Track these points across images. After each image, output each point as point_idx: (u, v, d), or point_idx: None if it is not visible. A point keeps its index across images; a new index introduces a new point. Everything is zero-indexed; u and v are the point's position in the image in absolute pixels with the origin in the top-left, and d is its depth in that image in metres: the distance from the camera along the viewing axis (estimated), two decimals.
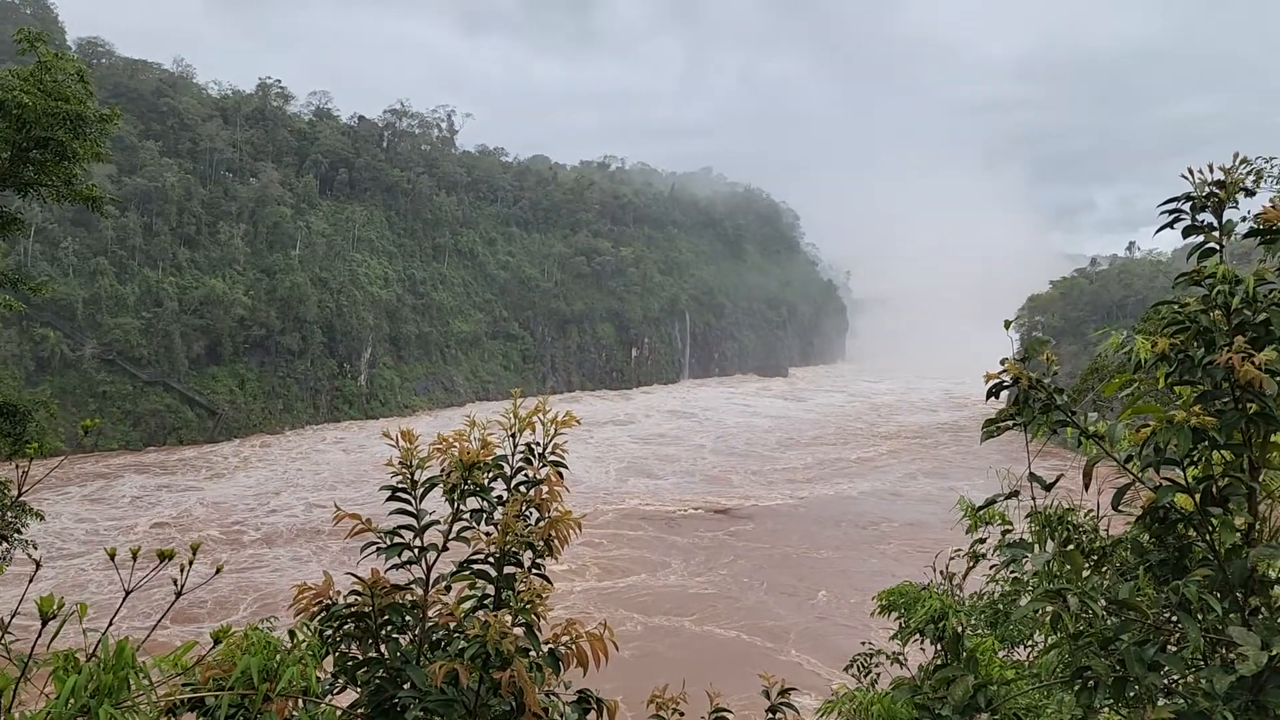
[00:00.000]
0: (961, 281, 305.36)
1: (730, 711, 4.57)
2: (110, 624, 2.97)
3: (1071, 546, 4.65)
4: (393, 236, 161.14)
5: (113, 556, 2.97)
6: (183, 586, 3.23)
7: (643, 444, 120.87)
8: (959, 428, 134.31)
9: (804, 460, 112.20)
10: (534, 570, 4.20)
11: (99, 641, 2.88)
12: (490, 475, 4.27)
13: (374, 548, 3.97)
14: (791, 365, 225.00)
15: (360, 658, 3.99)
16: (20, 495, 3.40)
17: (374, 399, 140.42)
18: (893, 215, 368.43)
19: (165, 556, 2.94)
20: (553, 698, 4.02)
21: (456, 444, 4.15)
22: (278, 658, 3.50)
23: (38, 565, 3.85)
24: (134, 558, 2.99)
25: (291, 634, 3.56)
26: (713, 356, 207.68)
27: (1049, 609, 4.03)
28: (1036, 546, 4.89)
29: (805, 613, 59.47)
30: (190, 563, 3.30)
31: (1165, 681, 3.86)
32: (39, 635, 2.66)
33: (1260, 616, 3.73)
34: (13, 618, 3.25)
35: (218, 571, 4.29)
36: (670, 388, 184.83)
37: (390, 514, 4.06)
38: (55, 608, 2.54)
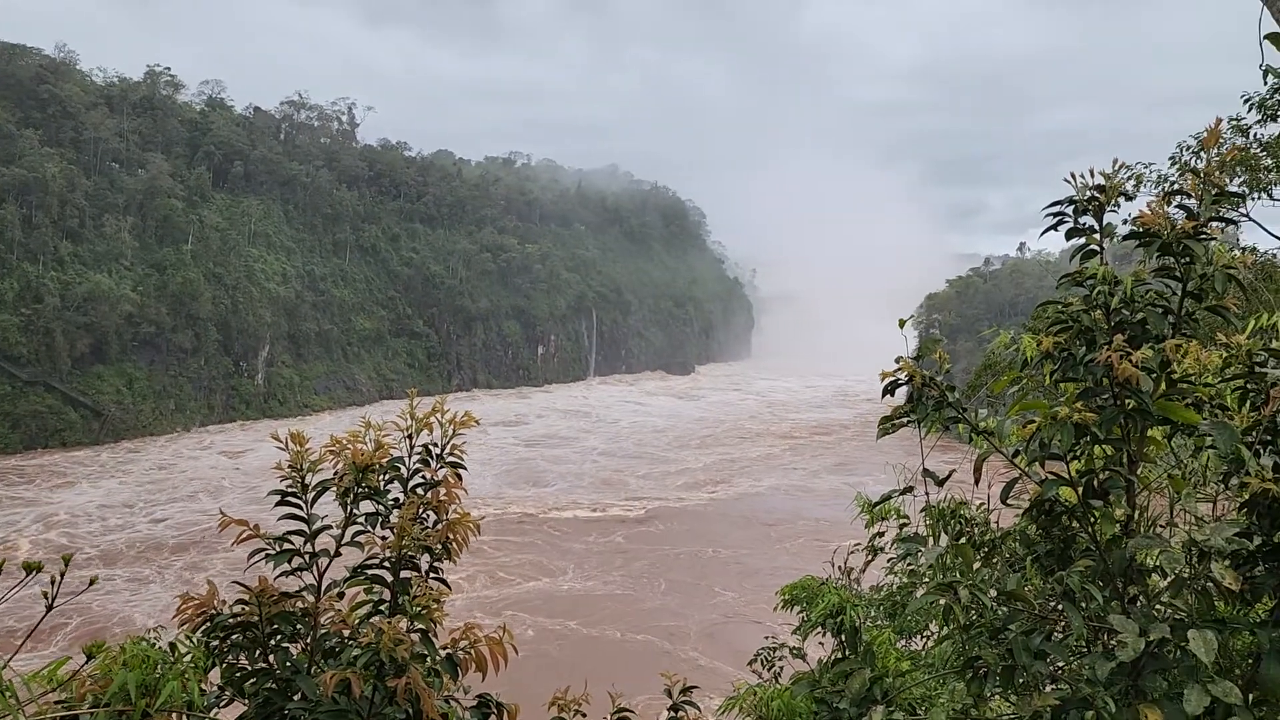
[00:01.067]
0: (863, 280, 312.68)
1: (632, 711, 4.56)
2: None
3: (963, 540, 4.78)
4: (291, 231, 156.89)
5: None
6: (53, 600, 3.07)
7: (531, 446, 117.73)
8: (861, 424, 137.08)
9: (702, 460, 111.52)
10: (431, 574, 4.11)
11: None
12: (386, 478, 4.17)
13: (262, 554, 3.83)
14: (698, 362, 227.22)
15: (249, 668, 3.85)
16: None
17: (272, 398, 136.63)
18: (797, 214, 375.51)
19: (30, 569, 2.77)
20: (451, 703, 3.94)
21: (350, 446, 4.03)
22: (158, 671, 3.34)
23: None
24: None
25: (173, 646, 3.41)
26: (620, 354, 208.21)
27: (942, 601, 4.13)
28: (930, 540, 5.01)
29: (707, 612, 59.90)
30: (62, 575, 3.14)
31: (1051, 669, 3.99)
32: None
33: (1139, 604, 3.89)
34: None
35: (91, 583, 4.09)
36: (575, 385, 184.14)
37: (279, 519, 3.92)
38: None
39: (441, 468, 4.29)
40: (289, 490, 3.93)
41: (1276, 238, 15.15)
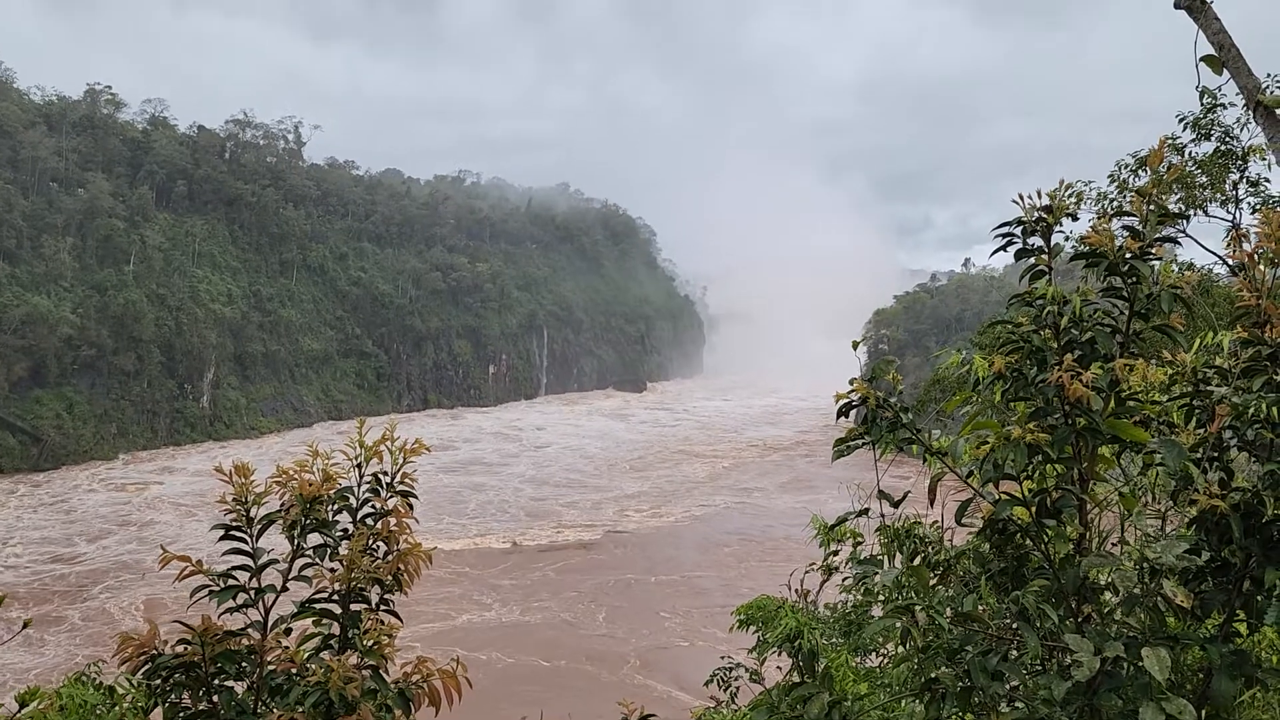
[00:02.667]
0: (812, 296, 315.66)
1: None
2: None
3: (919, 560, 4.79)
4: (236, 251, 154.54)
5: None
6: None
7: (454, 473, 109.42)
8: (813, 442, 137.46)
9: (640, 486, 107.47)
10: (382, 606, 4.01)
11: None
12: (334, 508, 4.07)
13: (205, 590, 3.70)
14: (651, 380, 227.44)
15: (191, 709, 3.72)
16: None
17: (218, 420, 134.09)
18: (746, 231, 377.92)
19: None
20: None
21: (297, 477, 3.93)
22: (96, 714, 3.21)
23: None
24: None
25: (110, 690, 3.28)
26: (572, 372, 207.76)
27: (899, 623, 4.12)
28: (886, 562, 5.01)
29: (656, 637, 59.39)
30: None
31: (1008, 689, 4.00)
32: None
33: (1092, 623, 3.91)
34: None
35: (25, 626, 3.93)
36: (515, 406, 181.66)
37: (224, 554, 3.80)
38: None
39: (391, 497, 4.20)
40: (234, 524, 3.82)
41: (1213, 253, 15.57)
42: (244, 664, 3.70)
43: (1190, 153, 17.00)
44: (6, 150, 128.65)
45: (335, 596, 3.95)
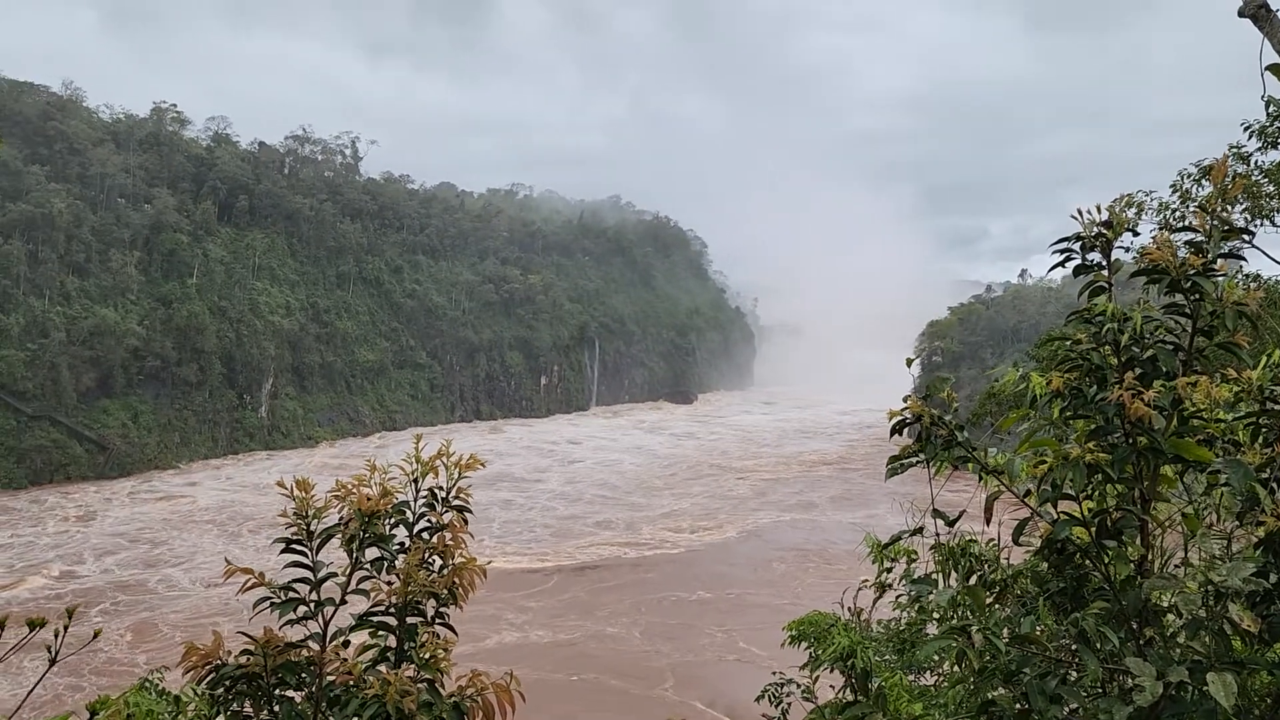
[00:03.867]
0: (864, 308, 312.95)
1: None
2: None
3: (974, 579, 4.73)
4: (295, 265, 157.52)
5: None
6: (57, 654, 3.03)
7: (481, 489, 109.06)
8: (862, 456, 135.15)
9: (677, 504, 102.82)
10: (438, 620, 4.07)
11: None
12: (391, 522, 4.14)
13: (267, 602, 3.79)
14: (701, 391, 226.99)
15: (254, 718, 3.81)
16: None
17: (276, 430, 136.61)
18: (796, 242, 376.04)
19: (34, 625, 2.75)
20: None
21: (355, 491, 4.00)
22: None
23: None
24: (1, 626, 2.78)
25: (176, 699, 3.37)
26: (623, 384, 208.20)
27: (954, 644, 4.07)
28: (940, 580, 4.95)
29: (694, 654, 58.12)
30: (66, 628, 3.10)
31: (1066, 713, 3.93)
32: None
33: (1155, 646, 3.83)
34: None
35: (95, 635, 4.06)
36: (569, 417, 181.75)
37: (286, 567, 3.88)
38: None
39: (447, 511, 4.26)
40: (294, 538, 3.90)
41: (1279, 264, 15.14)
42: (304, 675, 3.78)
43: (1256, 161, 16.59)
44: (76, 167, 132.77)
45: (392, 610, 4.01)
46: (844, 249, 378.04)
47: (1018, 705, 3.92)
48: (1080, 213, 4.35)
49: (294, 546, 3.92)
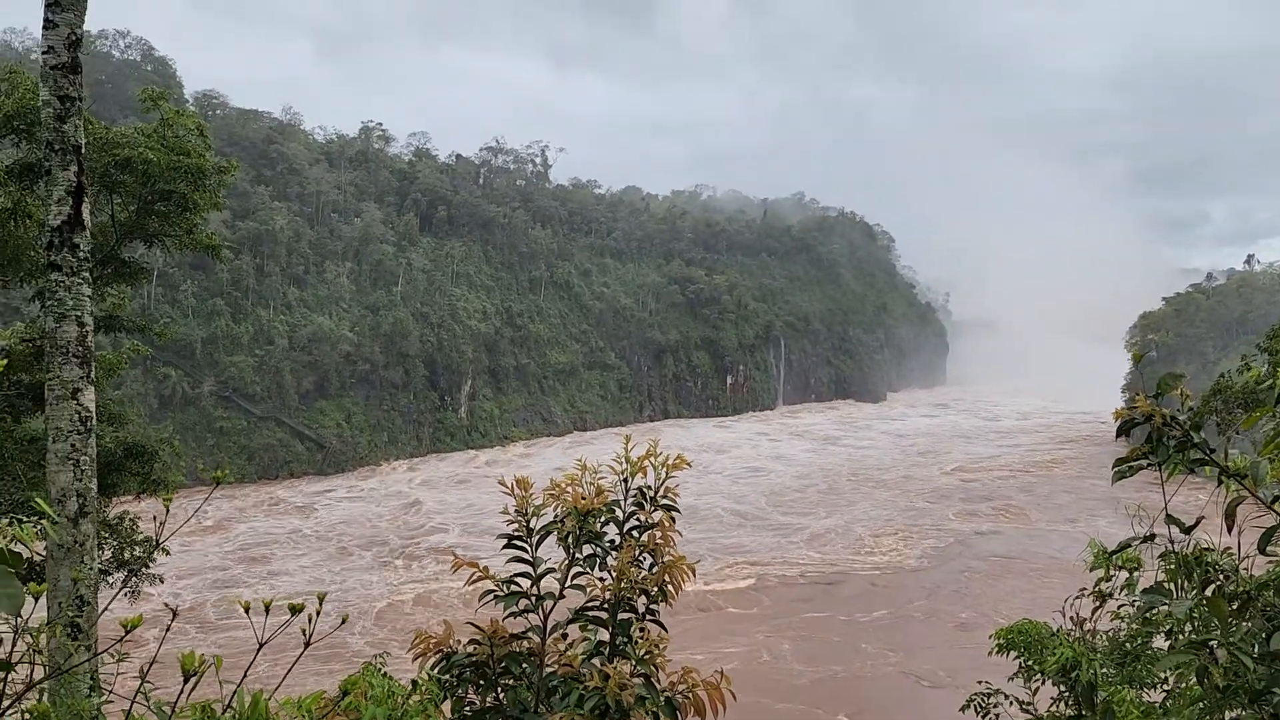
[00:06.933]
0: (1066, 300, 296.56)
1: None
2: (245, 676, 3.06)
3: (1211, 591, 4.40)
4: (490, 270, 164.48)
5: (247, 610, 3.06)
6: (310, 637, 3.30)
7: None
8: (1074, 459, 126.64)
9: (834, 520, 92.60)
10: (649, 617, 4.17)
11: (234, 693, 2.95)
12: (603, 520, 4.27)
13: (491, 595, 4.00)
14: (890, 390, 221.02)
15: (477, 704, 4.02)
16: (160, 543, 3.53)
17: (474, 430, 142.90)
18: (991, 234, 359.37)
19: (295, 610, 3.01)
20: None
21: (570, 489, 4.16)
22: (401, 705, 3.54)
23: (174, 614, 4.00)
24: (266, 610, 3.07)
25: (415, 684, 3.61)
26: (809, 383, 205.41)
27: (1193, 659, 3.81)
28: (1173, 590, 4.64)
29: (849, 670, 54.34)
30: (318, 613, 3.37)
31: None
32: (181, 690, 2.75)
33: None
34: (151, 665, 3.36)
35: (343, 621, 4.39)
36: (758, 416, 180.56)
37: (508, 561, 4.08)
38: (196, 664, 2.63)
39: (656, 510, 4.36)
40: (515, 534, 4.09)
41: None
42: (525, 665, 3.96)
43: None
44: (295, 186, 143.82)
45: (605, 605, 4.14)
46: (1041, 239, 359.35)
47: None
48: None
49: (515, 542, 4.12)
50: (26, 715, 2.83)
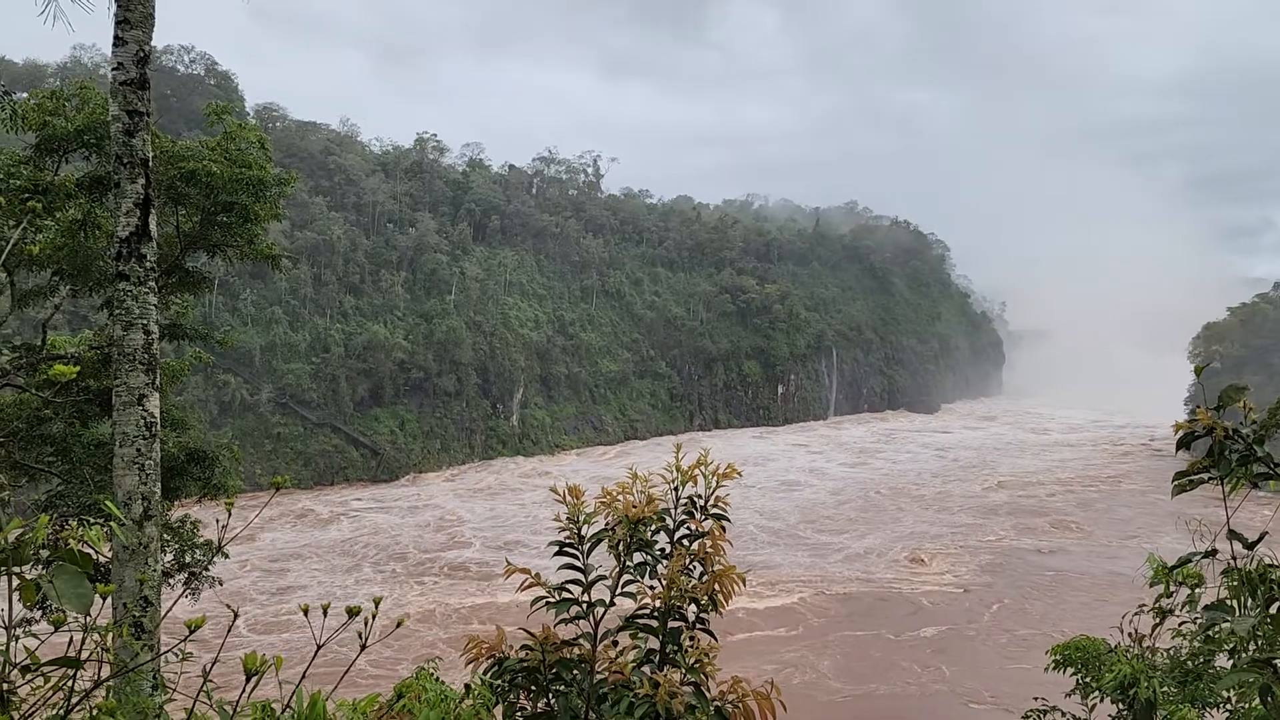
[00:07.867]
0: (1123, 310, 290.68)
1: None
2: (303, 677, 3.13)
3: (1275, 608, 4.29)
4: (542, 279, 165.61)
5: (305, 613, 3.13)
6: (366, 639, 3.37)
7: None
8: (1124, 474, 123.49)
9: (866, 541, 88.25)
10: (699, 625, 4.18)
11: (293, 693, 3.03)
12: (653, 529, 4.29)
13: (543, 602, 4.04)
14: (945, 401, 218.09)
15: (528, 709, 4.06)
16: (220, 547, 3.63)
17: (526, 438, 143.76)
18: (1048, 241, 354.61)
19: (352, 613, 3.08)
20: None
21: (621, 498, 4.19)
22: (454, 709, 3.60)
23: (235, 615, 4.10)
24: (324, 613, 3.14)
25: (467, 688, 3.66)
26: (861, 393, 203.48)
27: (1257, 678, 3.73)
28: (1236, 607, 4.54)
29: (887, 690, 52.74)
30: (374, 616, 3.44)
31: None
32: (243, 690, 2.82)
33: None
34: (213, 665, 3.46)
35: (399, 624, 4.47)
36: (803, 426, 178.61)
37: (559, 569, 4.12)
38: (259, 664, 2.70)
39: (706, 519, 4.37)
40: (567, 541, 4.13)
41: None
42: (576, 672, 3.99)
43: None
44: (352, 196, 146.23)
45: (655, 613, 4.16)
46: (1100, 246, 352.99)
47: None
48: None
49: (566, 550, 4.16)
50: (94, 712, 2.92)
